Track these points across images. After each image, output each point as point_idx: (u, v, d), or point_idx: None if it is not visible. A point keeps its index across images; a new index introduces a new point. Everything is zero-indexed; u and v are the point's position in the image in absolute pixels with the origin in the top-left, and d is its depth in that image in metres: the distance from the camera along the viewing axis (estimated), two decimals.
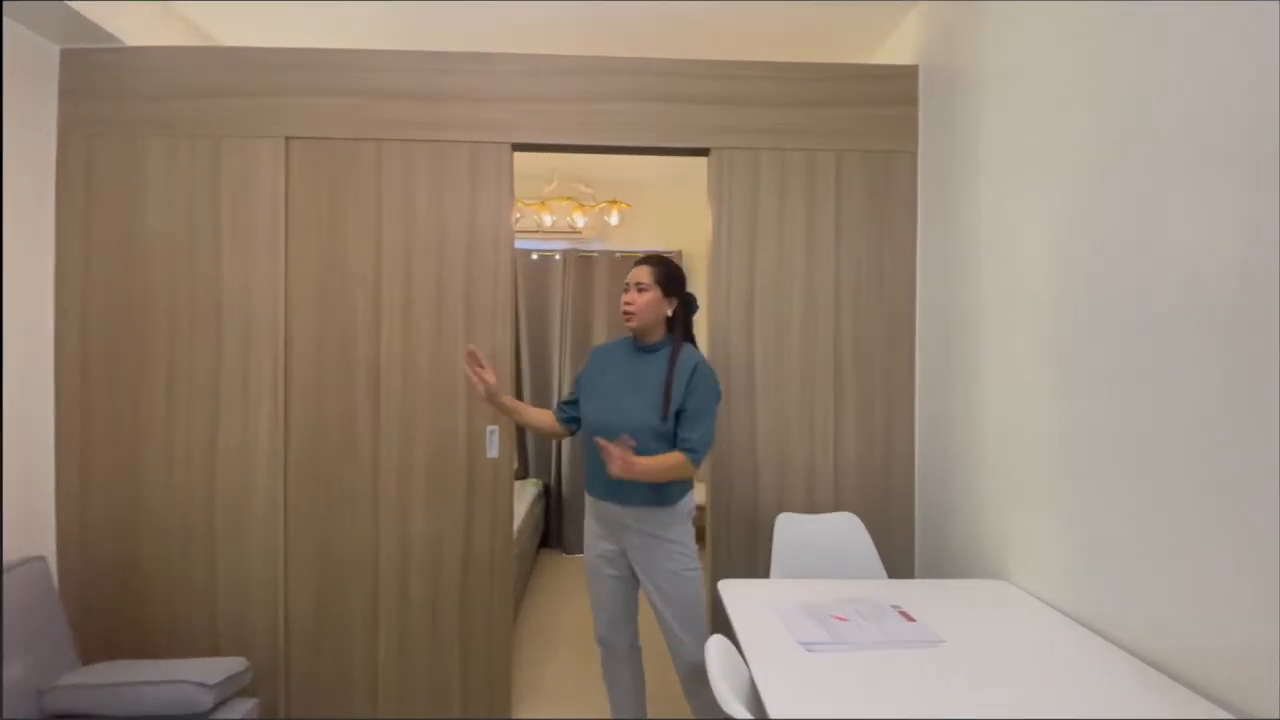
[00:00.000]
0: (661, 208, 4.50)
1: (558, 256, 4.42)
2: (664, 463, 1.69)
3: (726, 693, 1.13)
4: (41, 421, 2.00)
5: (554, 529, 4.35)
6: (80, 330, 2.02)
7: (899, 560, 2.13)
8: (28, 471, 1.95)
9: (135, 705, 1.65)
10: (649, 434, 1.72)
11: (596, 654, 2.03)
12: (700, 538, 1.96)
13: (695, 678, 1.80)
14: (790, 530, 1.95)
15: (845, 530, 1.96)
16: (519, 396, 4.00)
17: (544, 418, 1.98)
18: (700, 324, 2.00)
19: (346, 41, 2.24)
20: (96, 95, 2.04)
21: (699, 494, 1.97)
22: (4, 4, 1.79)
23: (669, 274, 1.84)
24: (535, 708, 2.40)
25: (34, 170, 1.97)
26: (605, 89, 2.13)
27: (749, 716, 1.07)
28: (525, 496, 3.83)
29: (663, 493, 1.75)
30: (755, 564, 2.13)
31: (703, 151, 2.19)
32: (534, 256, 4.43)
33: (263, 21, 2.38)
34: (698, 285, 2.11)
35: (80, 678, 1.67)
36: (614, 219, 4.02)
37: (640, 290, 1.80)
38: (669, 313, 1.84)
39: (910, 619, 1.40)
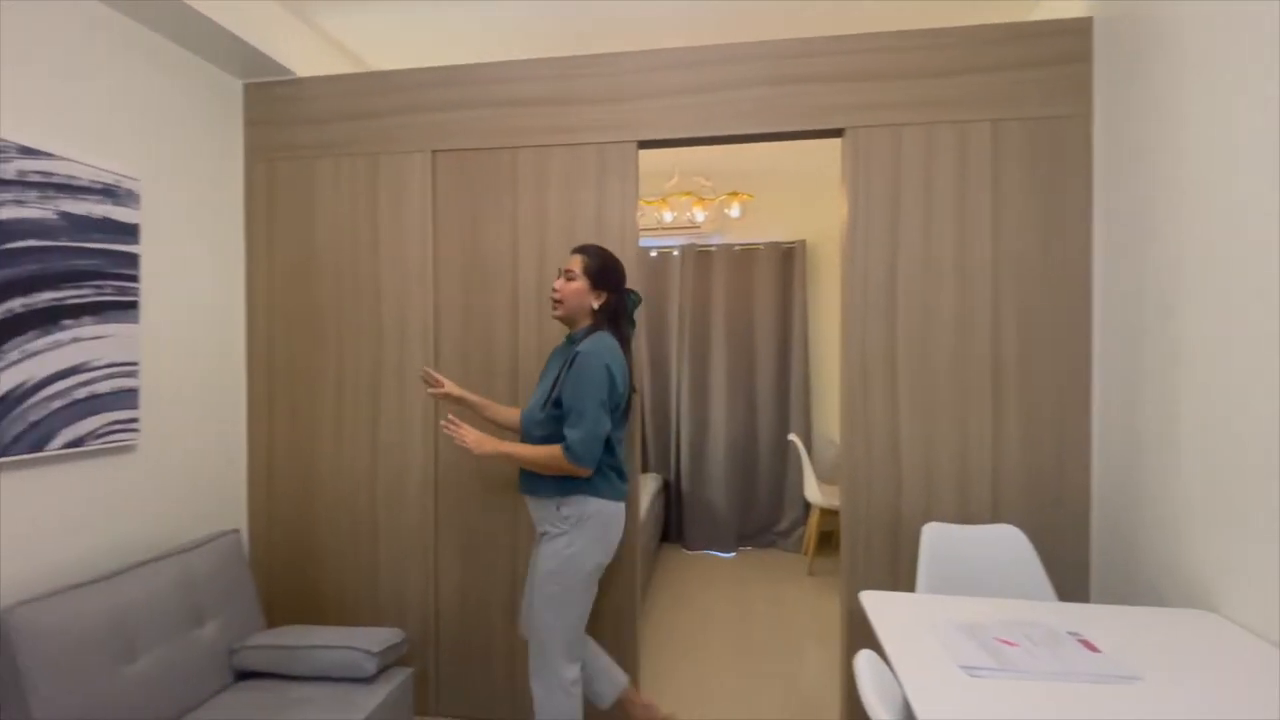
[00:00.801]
0: (783, 198, 4.35)
1: (676, 253, 4.41)
2: (537, 452, 1.68)
3: (877, 705, 1.05)
4: (236, 412, 2.30)
5: (674, 524, 4.36)
6: (266, 331, 2.31)
7: (1070, 580, 1.89)
8: (226, 455, 2.26)
9: (309, 666, 1.86)
10: (530, 422, 1.75)
11: (719, 649, 1.98)
12: (828, 541, 1.85)
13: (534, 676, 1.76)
14: (939, 541, 1.79)
15: (1005, 544, 1.77)
16: (641, 396, 4.05)
17: (511, 414, 1.97)
18: (832, 317, 1.88)
19: (484, 55, 2.36)
20: (274, 123, 2.30)
21: (830, 496, 1.86)
22: (197, 45, 2.06)
23: (601, 266, 1.79)
24: (660, 698, 2.41)
25: (228, 192, 2.27)
26: (731, 77, 2.08)
27: None
28: (646, 491, 3.87)
29: (535, 485, 1.74)
30: (896, 575, 1.99)
31: (836, 133, 2.06)
32: (652, 254, 4.45)
33: (410, 44, 2.57)
34: (826, 275, 1.99)
35: (264, 639, 1.90)
36: (735, 211, 3.93)
37: (569, 278, 1.78)
38: (595, 305, 1.79)
39: (1094, 649, 1.23)
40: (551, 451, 1.66)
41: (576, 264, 1.79)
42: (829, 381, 4.33)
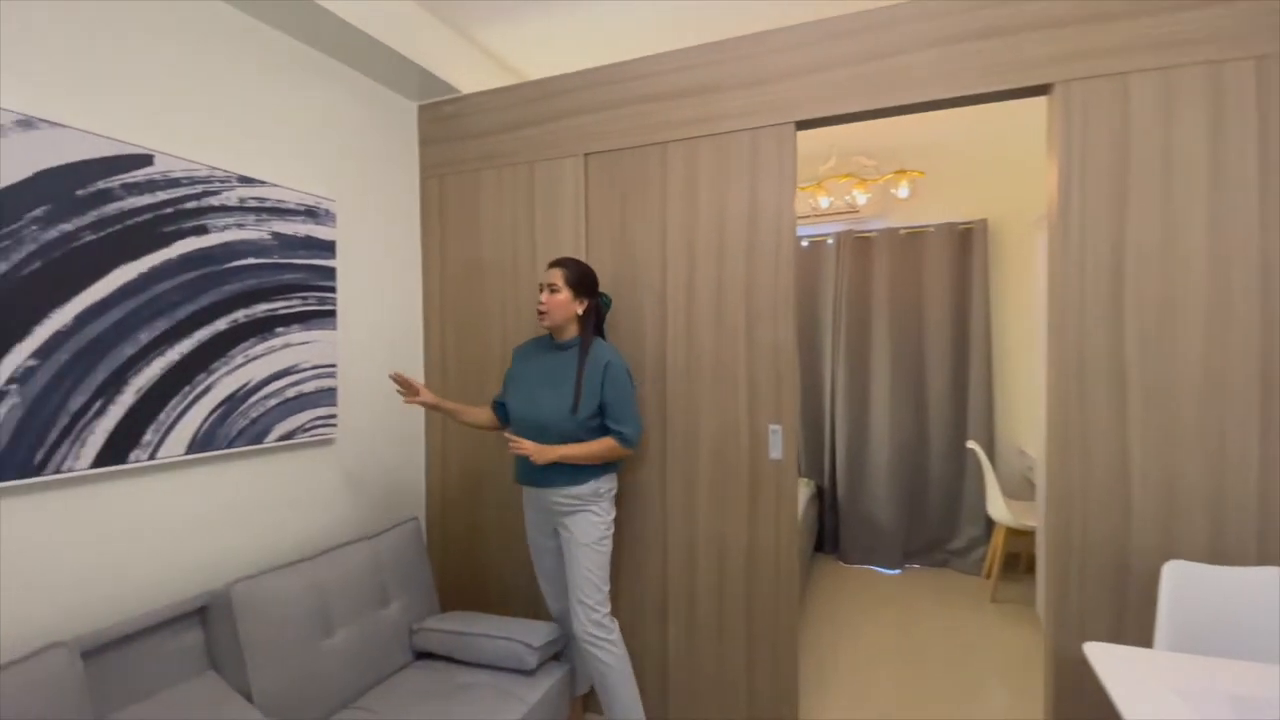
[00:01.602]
0: (960, 173, 3.87)
1: (830, 241, 4.11)
2: (595, 448, 1.89)
3: None
4: (414, 408, 2.49)
5: (828, 534, 4.09)
6: (439, 335, 2.48)
7: None
8: (406, 448, 2.46)
9: (476, 654, 1.95)
10: (563, 425, 1.88)
11: (887, 684, 1.78)
12: (1014, 565, 1.55)
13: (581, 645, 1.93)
14: (1186, 584, 1.44)
15: (1277, 592, 1.37)
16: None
17: (483, 414, 2.12)
18: (1021, 307, 1.58)
19: (635, 54, 2.33)
20: (444, 140, 2.46)
21: (1021, 514, 1.56)
22: (379, 72, 2.25)
23: (580, 276, 1.94)
24: (822, 712, 2.24)
25: (406, 208, 2.47)
26: (902, 40, 1.84)
27: None
28: (799, 497, 3.65)
29: (579, 474, 1.91)
30: (1122, 621, 1.64)
31: (1041, 90, 1.74)
32: (804, 243, 4.19)
33: (563, 50, 2.62)
34: (1013, 259, 1.68)
35: (438, 623, 2.02)
36: (903, 191, 3.57)
37: (553, 291, 1.91)
38: (579, 312, 1.94)
39: None
40: (608, 444, 1.90)
41: (559, 277, 1.92)
42: (1017, 382, 3.78)
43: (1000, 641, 2.88)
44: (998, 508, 3.28)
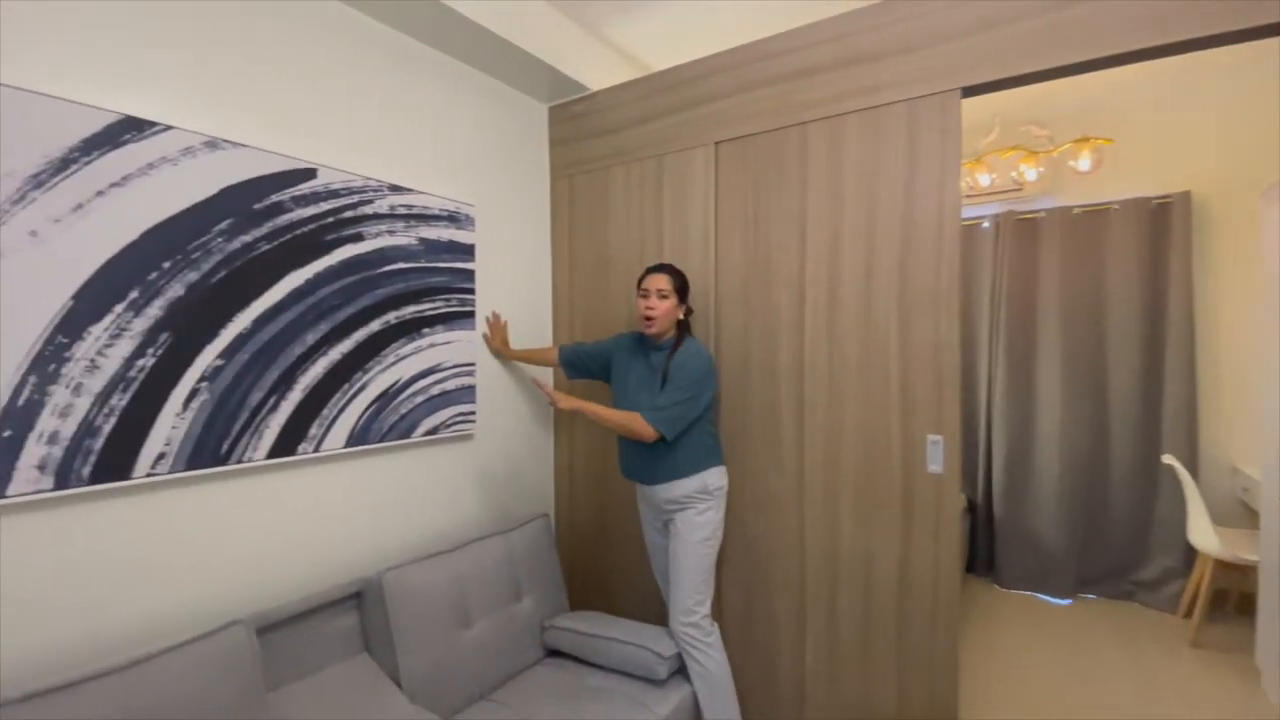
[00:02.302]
0: (1152, 142, 3.29)
1: (986, 224, 3.67)
2: (617, 414, 1.87)
3: None
4: (544, 406, 2.53)
5: (981, 553, 3.66)
6: (569, 331, 2.49)
7: None
8: (537, 446, 2.50)
9: (605, 657, 1.92)
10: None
11: (1049, 703, 1.51)
12: (1223, 603, 1.24)
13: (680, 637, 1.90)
14: None
15: None
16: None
17: (549, 354, 2.25)
18: (1238, 298, 1.25)
19: (766, 32, 2.17)
20: (573, 140, 2.46)
21: (1235, 545, 1.24)
22: (511, 76, 2.28)
23: (684, 281, 1.97)
24: None
25: (537, 209, 2.50)
26: None
27: None
28: None
29: (677, 467, 1.89)
30: None
31: (1275, 29, 1.38)
32: None
33: (691, 39, 2.53)
34: (1224, 240, 1.33)
35: (569, 622, 2.02)
36: (1083, 163, 3.08)
37: (662, 297, 1.92)
38: (681, 316, 1.97)
39: None
40: (632, 415, 1.85)
41: (666, 283, 1.93)
42: (1229, 387, 3.15)
43: (1205, 695, 2.41)
44: (1204, 535, 2.75)
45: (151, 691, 1.15)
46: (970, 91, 1.72)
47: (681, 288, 1.96)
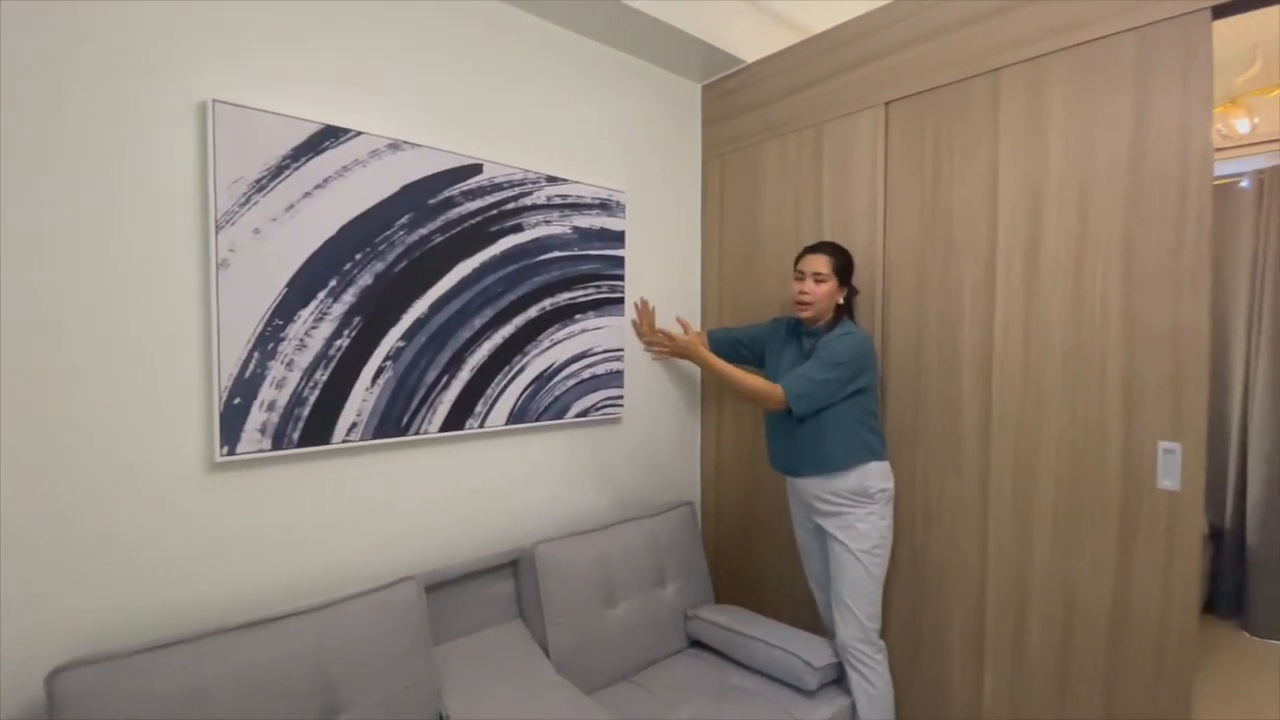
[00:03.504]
0: None
1: (1244, 182, 2.93)
2: (744, 376, 1.76)
3: None
4: (692, 393, 2.49)
5: (1227, 591, 2.96)
6: (718, 316, 2.42)
7: None
8: (683, 433, 2.47)
9: (749, 657, 1.84)
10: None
11: None
12: None
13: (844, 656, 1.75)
14: None
15: None
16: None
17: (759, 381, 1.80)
18: None
19: None
20: (726, 117, 2.37)
21: None
22: (661, 57, 2.23)
23: (847, 261, 1.81)
24: None
25: (688, 192, 2.46)
26: None
27: None
28: None
29: (827, 458, 1.73)
30: None
31: None
32: None
33: None
34: None
35: (713, 614, 1.97)
36: None
37: (818, 281, 1.77)
38: (840, 300, 1.81)
39: None
40: (759, 380, 1.75)
41: (824, 264, 1.77)
42: None
43: None
44: None
45: (339, 631, 1.31)
46: (1222, 11, 1.35)
47: (843, 268, 1.81)
